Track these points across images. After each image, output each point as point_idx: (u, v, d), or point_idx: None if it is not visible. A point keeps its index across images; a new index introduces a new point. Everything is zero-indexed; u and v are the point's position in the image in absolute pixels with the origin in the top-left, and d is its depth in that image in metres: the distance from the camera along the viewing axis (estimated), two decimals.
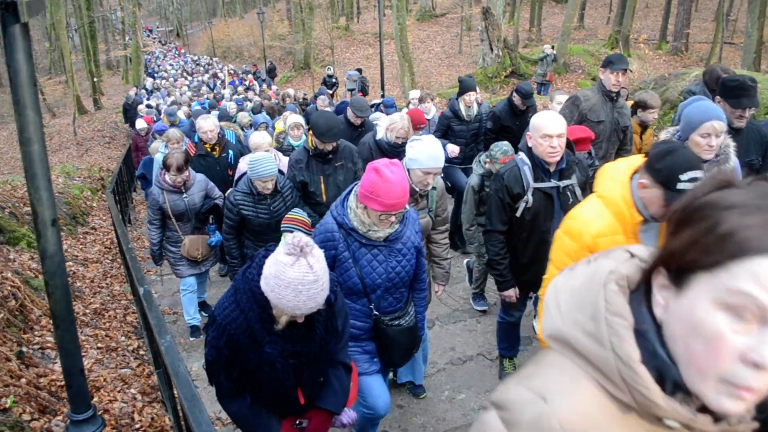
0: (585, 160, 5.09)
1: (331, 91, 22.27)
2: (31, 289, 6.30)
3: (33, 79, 2.37)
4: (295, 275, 2.26)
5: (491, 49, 21.39)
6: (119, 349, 6.16)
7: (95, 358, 5.69)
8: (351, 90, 22.38)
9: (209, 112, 13.63)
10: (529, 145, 3.94)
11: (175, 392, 3.32)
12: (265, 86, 28.07)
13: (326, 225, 3.30)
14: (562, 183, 3.97)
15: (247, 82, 30.53)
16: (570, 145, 4.07)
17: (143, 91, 26.52)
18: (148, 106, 18.00)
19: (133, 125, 19.42)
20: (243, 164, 6.41)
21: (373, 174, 3.00)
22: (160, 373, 4.87)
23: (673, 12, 29.24)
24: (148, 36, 69.25)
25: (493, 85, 20.45)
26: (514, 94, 7.91)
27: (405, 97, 20.15)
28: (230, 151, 7.55)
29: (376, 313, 3.43)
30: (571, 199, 3.97)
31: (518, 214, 4.03)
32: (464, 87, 7.86)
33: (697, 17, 32.20)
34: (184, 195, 6.00)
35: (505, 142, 5.80)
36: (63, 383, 4.37)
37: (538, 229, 4.06)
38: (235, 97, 19.54)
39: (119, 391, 5.15)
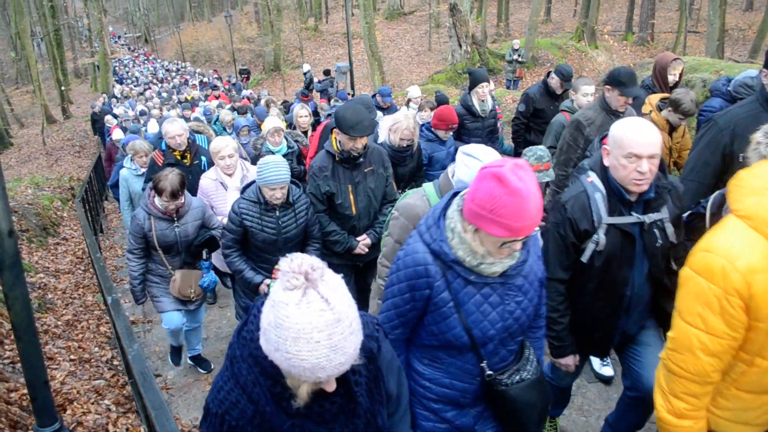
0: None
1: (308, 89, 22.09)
2: (0, 303, 6.22)
3: None
4: (304, 318, 1.48)
5: (460, 46, 21.49)
6: (92, 360, 6.09)
7: (68, 370, 5.62)
8: (343, 81, 22.15)
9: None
10: (606, 164, 2.90)
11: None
12: (234, 92, 27.80)
13: (416, 256, 2.33)
14: (648, 218, 2.90)
15: (222, 86, 30.27)
16: (661, 164, 2.89)
17: (113, 99, 26.04)
18: (114, 116, 17.59)
19: (102, 136, 19.11)
20: (204, 180, 5.66)
21: (494, 183, 2.04)
22: (134, 383, 4.83)
23: (637, 3, 29.67)
24: (116, 42, 68.53)
25: (463, 81, 20.51)
26: (552, 75, 7.01)
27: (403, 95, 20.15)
28: (203, 158, 6.56)
29: (490, 372, 2.46)
30: (659, 240, 2.94)
31: (585, 258, 2.99)
32: (476, 78, 6.92)
33: (661, 7, 32.69)
34: (176, 224, 4.93)
35: (541, 147, 4.92)
36: (30, 397, 4.33)
37: (611, 279, 3.01)
38: (203, 104, 19.31)
39: (93, 403, 5.10)
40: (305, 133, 8.20)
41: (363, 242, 4.77)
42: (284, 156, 6.44)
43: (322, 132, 6.41)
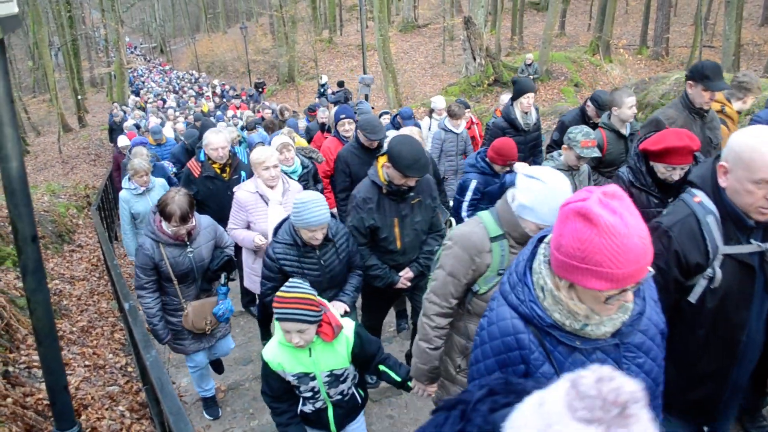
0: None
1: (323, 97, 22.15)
2: (17, 308, 6.27)
3: (10, 96, 2.38)
4: None
5: (474, 58, 21.52)
6: (107, 367, 6.13)
7: (83, 376, 5.66)
8: (366, 96, 22.08)
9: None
10: (722, 184, 2.34)
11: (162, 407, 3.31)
12: (252, 103, 27.90)
13: (502, 324, 1.89)
14: None
15: (239, 97, 30.41)
16: None
17: (127, 108, 26.14)
18: (137, 126, 17.68)
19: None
20: (241, 193, 5.06)
21: (580, 223, 1.58)
22: (148, 389, 4.85)
23: (652, 17, 29.62)
24: (132, 53, 69.24)
25: (477, 94, 20.57)
26: (589, 103, 6.51)
27: (423, 106, 20.16)
28: (242, 173, 6.08)
29: None
30: None
31: (694, 298, 2.42)
32: (520, 88, 6.37)
33: (676, 22, 32.61)
34: (189, 249, 4.36)
35: (585, 126, 4.80)
36: (49, 402, 4.36)
37: (725, 323, 2.43)
38: (218, 114, 19.37)
39: (107, 409, 5.13)
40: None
41: (405, 276, 4.47)
42: (300, 177, 5.83)
43: (339, 154, 5.99)
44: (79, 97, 34.57)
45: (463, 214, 5.33)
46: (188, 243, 4.35)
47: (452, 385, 3.01)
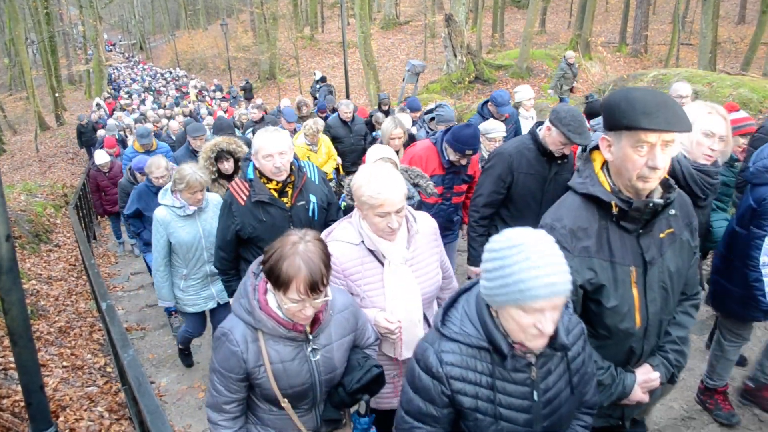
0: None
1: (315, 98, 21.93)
2: None
3: None
4: None
5: (455, 56, 21.61)
6: (85, 367, 6.07)
7: (60, 377, 5.60)
8: (412, 84, 21.20)
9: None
10: None
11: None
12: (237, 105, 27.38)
13: None
14: None
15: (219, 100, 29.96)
16: None
17: (101, 111, 24.41)
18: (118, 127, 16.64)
19: (89, 150, 18.11)
20: (337, 247, 2.72)
21: None
22: (127, 389, 4.82)
23: (631, 15, 29.89)
24: (111, 50, 68.55)
25: (458, 91, 20.64)
26: None
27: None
28: (311, 197, 3.91)
29: None
30: None
31: None
32: None
33: (655, 20, 32.92)
34: (312, 345, 2.32)
35: None
36: (25, 402, 4.31)
37: None
38: (209, 118, 18.94)
39: (86, 410, 5.08)
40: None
41: (647, 380, 2.39)
42: None
43: (504, 151, 4.22)
44: (57, 94, 34.22)
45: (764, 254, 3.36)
46: (310, 336, 2.32)
47: None
